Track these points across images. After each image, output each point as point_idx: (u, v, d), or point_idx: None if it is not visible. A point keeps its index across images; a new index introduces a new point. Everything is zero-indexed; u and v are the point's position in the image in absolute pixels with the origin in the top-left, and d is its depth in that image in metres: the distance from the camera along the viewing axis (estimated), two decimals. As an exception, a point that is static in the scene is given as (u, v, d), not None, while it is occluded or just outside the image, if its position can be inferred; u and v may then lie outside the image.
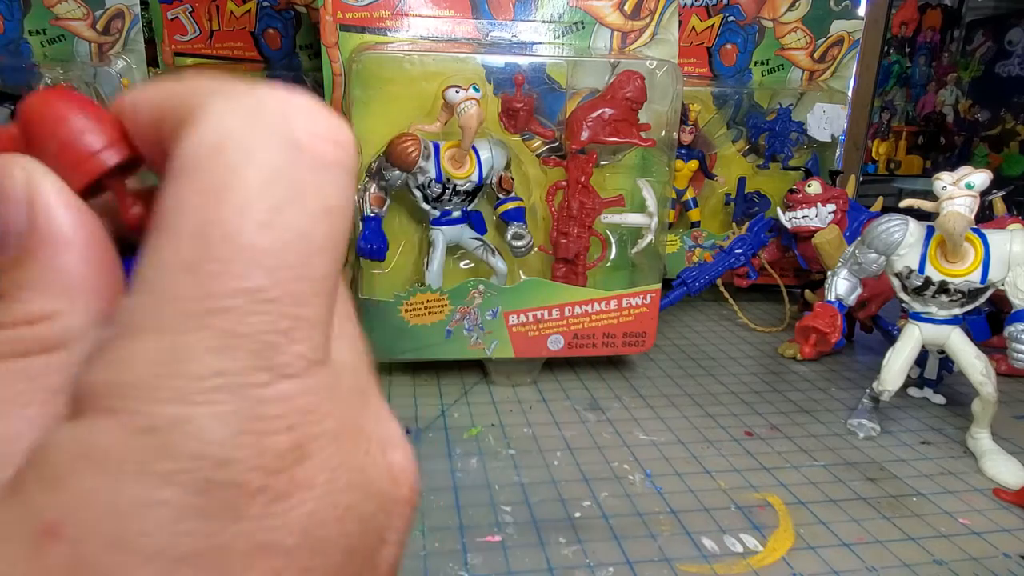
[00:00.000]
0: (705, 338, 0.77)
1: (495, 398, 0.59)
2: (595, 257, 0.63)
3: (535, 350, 0.60)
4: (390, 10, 0.58)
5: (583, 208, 0.59)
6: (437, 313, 0.58)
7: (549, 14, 0.60)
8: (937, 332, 0.52)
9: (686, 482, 0.47)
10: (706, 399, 0.61)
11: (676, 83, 0.59)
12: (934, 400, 0.61)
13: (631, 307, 0.60)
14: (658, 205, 0.60)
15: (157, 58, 0.79)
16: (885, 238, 0.51)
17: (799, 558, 0.39)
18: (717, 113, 0.89)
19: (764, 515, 0.43)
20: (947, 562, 0.39)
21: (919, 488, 0.47)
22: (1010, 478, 0.48)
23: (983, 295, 0.50)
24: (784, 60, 0.90)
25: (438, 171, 0.56)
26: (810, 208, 0.74)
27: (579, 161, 0.58)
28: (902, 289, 0.52)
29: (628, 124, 0.57)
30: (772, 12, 0.88)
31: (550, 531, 0.41)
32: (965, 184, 0.46)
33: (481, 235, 0.60)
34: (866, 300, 0.70)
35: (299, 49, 0.83)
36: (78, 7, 0.70)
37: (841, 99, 0.88)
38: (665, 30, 0.61)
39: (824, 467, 0.50)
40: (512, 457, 0.49)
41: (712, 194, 0.91)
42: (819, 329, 0.54)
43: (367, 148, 0.56)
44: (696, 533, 0.41)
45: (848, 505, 0.45)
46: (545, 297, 0.59)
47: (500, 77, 0.58)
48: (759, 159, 0.90)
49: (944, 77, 1.50)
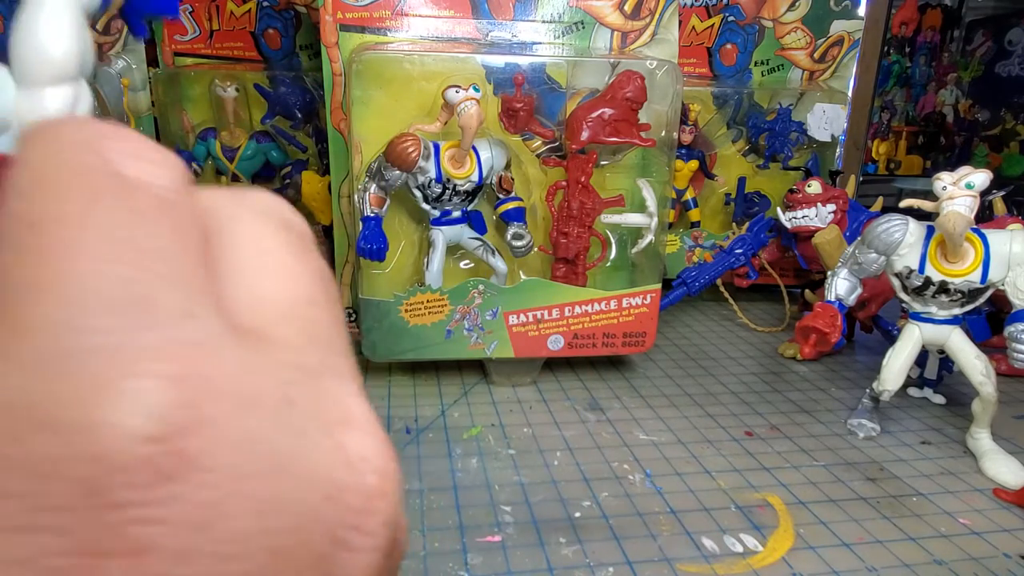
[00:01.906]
0: (705, 338, 0.77)
1: (495, 398, 0.59)
2: (595, 257, 0.63)
3: (535, 350, 0.60)
4: (390, 10, 0.58)
5: (583, 208, 0.59)
6: (437, 313, 0.58)
7: (549, 14, 0.60)
8: (937, 332, 0.52)
9: (686, 482, 0.47)
10: (706, 399, 0.61)
11: (676, 83, 0.59)
12: (934, 400, 0.61)
13: (631, 307, 0.60)
14: (658, 205, 0.60)
15: (157, 58, 0.79)
16: (885, 238, 0.51)
17: (799, 558, 0.39)
18: (717, 113, 0.89)
19: (764, 515, 0.43)
20: (947, 562, 0.39)
21: (919, 488, 0.47)
22: (1010, 478, 0.48)
23: (983, 295, 0.50)
24: (784, 60, 0.90)
25: (438, 171, 0.56)
26: (810, 208, 0.74)
27: (579, 161, 0.58)
28: (902, 289, 0.52)
29: (628, 124, 0.57)
30: (772, 12, 0.88)
31: (550, 531, 0.41)
32: (965, 184, 0.46)
33: (481, 235, 0.60)
34: (866, 300, 0.70)
35: (299, 49, 0.83)
36: (78, 7, 0.70)
37: (841, 99, 0.88)
38: (665, 30, 0.61)
39: (824, 467, 0.50)
40: (512, 457, 0.49)
41: (712, 194, 0.91)
42: (819, 329, 0.54)
43: (367, 148, 0.56)
44: (696, 533, 0.41)
45: (848, 505, 0.45)
46: (545, 297, 0.59)
47: (500, 77, 0.58)
48: (759, 159, 0.90)
49: (944, 77, 1.50)
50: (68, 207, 0.10)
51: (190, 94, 0.79)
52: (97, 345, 0.09)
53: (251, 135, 0.78)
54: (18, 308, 0.09)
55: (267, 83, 0.79)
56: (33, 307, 0.09)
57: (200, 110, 0.79)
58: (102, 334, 0.09)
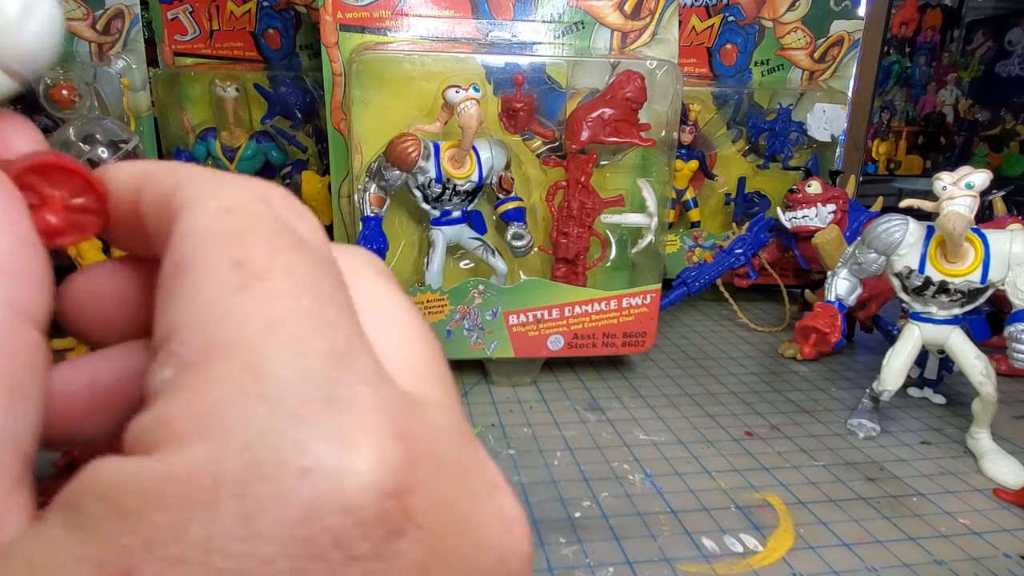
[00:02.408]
0: (705, 338, 0.77)
1: (495, 398, 0.59)
2: (595, 257, 0.63)
3: (535, 350, 0.60)
4: (390, 10, 0.58)
5: (583, 208, 0.59)
6: (437, 313, 0.58)
7: (549, 14, 0.60)
8: (937, 332, 0.52)
9: (686, 482, 0.47)
10: (706, 399, 0.61)
11: (676, 83, 0.59)
12: (934, 400, 0.61)
13: (631, 307, 0.60)
14: (658, 205, 0.60)
15: (157, 58, 0.79)
16: (885, 238, 0.51)
17: (799, 558, 0.39)
18: (717, 113, 0.89)
19: (764, 515, 0.43)
20: (947, 562, 0.39)
21: (919, 488, 0.47)
22: (1010, 478, 0.48)
23: (983, 295, 0.50)
24: (784, 60, 0.90)
25: (438, 171, 0.56)
26: (810, 208, 0.74)
27: (579, 161, 0.58)
28: (902, 289, 0.52)
29: (628, 124, 0.57)
30: (772, 12, 0.88)
31: (550, 531, 0.41)
32: (965, 184, 0.46)
33: (481, 235, 0.60)
34: (866, 300, 0.70)
35: (299, 49, 0.83)
36: (78, 7, 0.70)
37: (841, 99, 0.88)
38: (665, 30, 0.61)
39: (824, 467, 0.50)
40: (512, 457, 0.49)
41: (712, 194, 0.91)
42: (819, 329, 0.54)
43: (367, 148, 0.56)
44: (696, 533, 0.41)
45: (848, 505, 0.45)
46: (545, 297, 0.59)
47: (500, 77, 0.58)
48: (759, 159, 0.90)
49: (944, 77, 1.50)
50: (283, 260, 0.10)
51: (190, 94, 0.79)
52: (329, 395, 0.09)
53: (251, 135, 0.78)
54: (259, 351, 0.09)
55: (267, 83, 0.79)
56: (271, 351, 0.09)
57: (200, 110, 0.79)
58: (331, 385, 0.09)
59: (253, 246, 0.10)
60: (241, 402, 0.09)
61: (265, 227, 0.10)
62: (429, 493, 0.09)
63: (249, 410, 0.09)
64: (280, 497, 0.08)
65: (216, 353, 0.09)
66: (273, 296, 0.10)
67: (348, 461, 0.09)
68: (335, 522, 0.08)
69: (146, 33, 0.75)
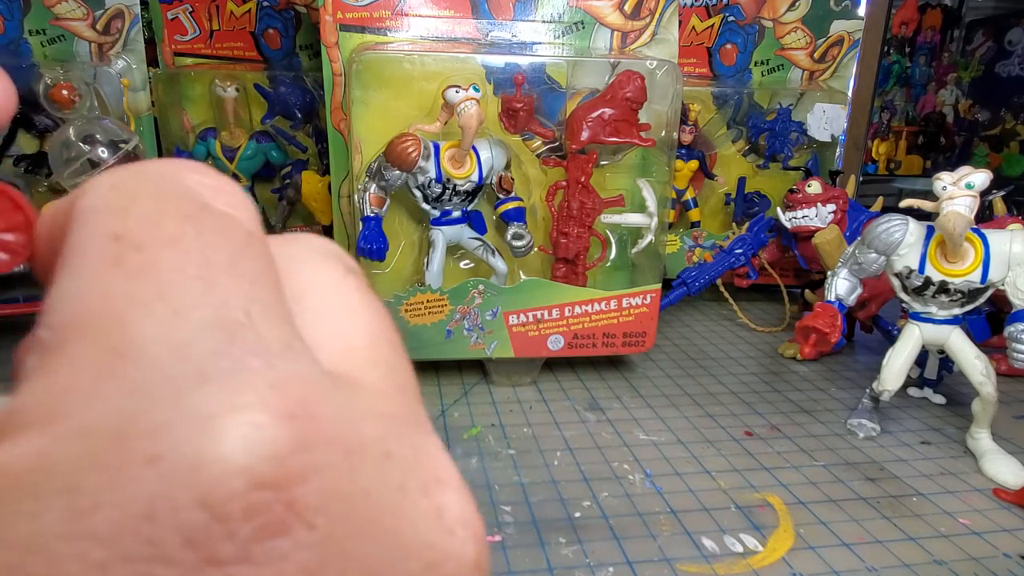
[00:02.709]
0: (705, 338, 0.77)
1: (495, 398, 0.59)
2: (595, 257, 0.63)
3: (535, 350, 0.60)
4: (390, 10, 0.58)
5: (583, 208, 0.59)
6: (437, 313, 0.58)
7: (549, 14, 0.60)
8: (937, 332, 0.52)
9: (686, 482, 0.47)
10: (706, 399, 0.61)
11: (676, 83, 0.59)
12: (934, 400, 0.61)
13: (631, 307, 0.60)
14: (658, 205, 0.60)
15: (157, 58, 0.80)
16: (885, 238, 0.51)
17: (799, 558, 0.39)
18: (717, 113, 0.89)
19: (764, 515, 0.43)
20: (947, 562, 0.39)
21: (919, 488, 0.47)
22: (1010, 478, 0.48)
23: (983, 295, 0.50)
24: (784, 60, 0.90)
25: (438, 171, 0.56)
26: (810, 208, 0.74)
27: (579, 161, 0.58)
28: (902, 289, 0.52)
29: (628, 124, 0.57)
30: (772, 12, 0.88)
31: (550, 531, 0.41)
32: (965, 184, 0.46)
33: (481, 235, 0.60)
34: (866, 300, 0.70)
35: (299, 49, 0.83)
36: (78, 7, 0.70)
37: (841, 99, 0.88)
38: (665, 30, 0.61)
39: (824, 467, 0.50)
40: (512, 457, 0.49)
41: (712, 194, 0.91)
42: (819, 329, 0.54)
43: (367, 148, 0.56)
44: (696, 533, 0.41)
45: (848, 505, 0.45)
46: (545, 297, 0.59)
47: (500, 77, 0.58)
48: (759, 159, 0.90)
49: (944, 77, 1.50)
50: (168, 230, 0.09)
51: (190, 94, 0.79)
52: (203, 370, 0.08)
53: (251, 135, 0.79)
54: (124, 327, 0.08)
55: (267, 83, 0.79)
56: (138, 326, 0.08)
57: (200, 110, 0.79)
58: (208, 358, 0.08)
59: (135, 218, 0.09)
60: (90, 385, 0.08)
61: (152, 199, 0.10)
62: (329, 484, 0.08)
63: (97, 393, 0.08)
64: (118, 489, 0.07)
65: (75, 334, 0.09)
66: (151, 268, 0.09)
67: (209, 445, 0.07)
68: (188, 519, 0.07)
69: (146, 33, 0.75)
